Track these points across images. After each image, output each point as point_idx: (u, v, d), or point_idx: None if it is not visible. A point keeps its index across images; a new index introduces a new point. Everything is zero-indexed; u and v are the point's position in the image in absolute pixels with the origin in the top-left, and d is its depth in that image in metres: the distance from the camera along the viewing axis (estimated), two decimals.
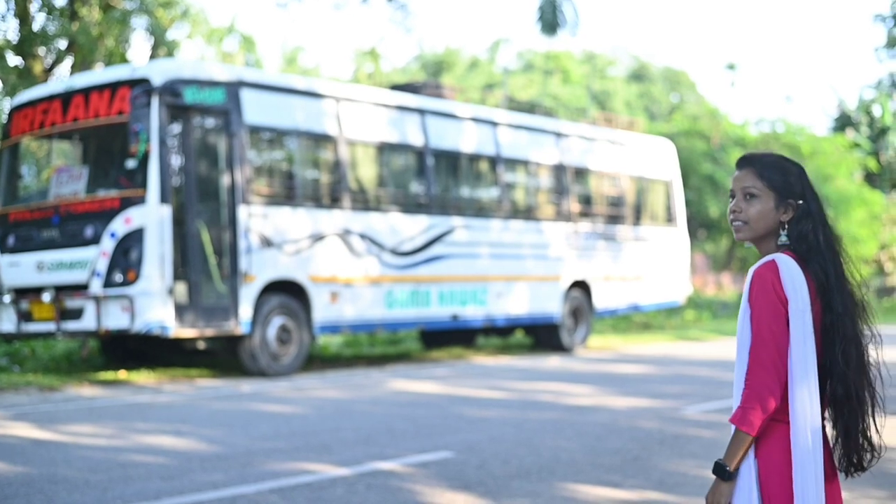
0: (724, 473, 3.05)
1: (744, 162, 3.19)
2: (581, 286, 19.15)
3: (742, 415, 3.01)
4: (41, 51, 21.88)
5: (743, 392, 3.04)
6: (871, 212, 37.75)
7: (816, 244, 3.11)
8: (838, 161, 37.70)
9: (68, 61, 22.19)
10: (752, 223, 3.14)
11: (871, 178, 42.98)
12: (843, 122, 45.51)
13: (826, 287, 3.08)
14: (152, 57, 23.09)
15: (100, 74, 14.48)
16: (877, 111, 45.02)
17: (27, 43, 21.29)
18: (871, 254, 39.22)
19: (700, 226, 36.91)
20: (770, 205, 3.12)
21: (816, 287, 3.08)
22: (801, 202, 3.13)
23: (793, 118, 48.87)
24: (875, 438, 3.19)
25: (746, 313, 3.08)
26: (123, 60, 21.73)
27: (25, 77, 20.87)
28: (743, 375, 3.07)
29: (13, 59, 21.93)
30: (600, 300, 19.52)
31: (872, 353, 3.17)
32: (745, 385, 3.04)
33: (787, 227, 3.13)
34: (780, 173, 3.14)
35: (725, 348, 19.06)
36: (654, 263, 20.83)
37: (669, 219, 21.52)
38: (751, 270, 3.09)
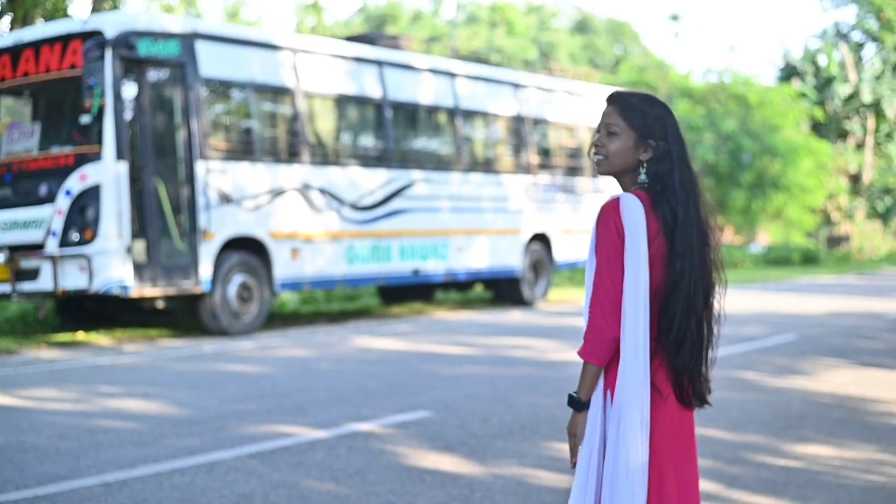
0: (578, 404, 3.16)
1: (610, 99, 3.24)
2: (541, 239, 19.02)
3: (585, 348, 3.12)
4: None
5: (586, 326, 3.14)
6: (818, 161, 37.94)
7: (672, 185, 3.16)
8: (785, 111, 37.86)
9: (8, 16, 21.55)
10: (611, 158, 3.20)
11: (817, 128, 43.27)
12: (789, 73, 45.66)
13: (671, 227, 3.14)
14: (94, 11, 22.49)
15: (50, 27, 13.99)
16: (822, 61, 45.23)
17: None
18: (818, 203, 39.50)
19: None
20: (629, 143, 3.17)
21: (661, 226, 3.13)
22: (660, 143, 3.17)
23: (739, 68, 48.96)
24: (707, 375, 3.26)
25: (592, 249, 3.16)
26: (66, 15, 21.15)
27: None
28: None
29: None
30: (560, 253, 19.41)
31: (716, 294, 3.24)
32: (587, 320, 3.13)
33: (645, 166, 3.18)
34: (640, 114, 3.18)
35: None
36: None
37: None
38: (599, 207, 3.15)
